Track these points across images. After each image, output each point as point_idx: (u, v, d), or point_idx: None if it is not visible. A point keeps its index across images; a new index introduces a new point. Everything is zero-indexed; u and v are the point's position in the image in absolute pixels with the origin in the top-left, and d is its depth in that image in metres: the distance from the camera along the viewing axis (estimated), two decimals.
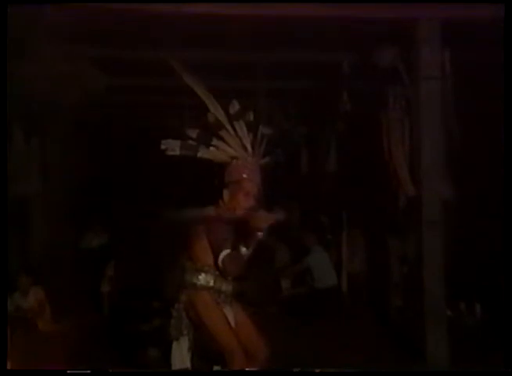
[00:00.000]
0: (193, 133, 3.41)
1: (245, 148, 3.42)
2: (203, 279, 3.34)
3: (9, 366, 3.34)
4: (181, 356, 3.34)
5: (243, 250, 3.20)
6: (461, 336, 5.10)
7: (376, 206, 6.48)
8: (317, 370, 4.05)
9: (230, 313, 3.38)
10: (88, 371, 3.38)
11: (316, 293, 6.77)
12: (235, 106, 3.45)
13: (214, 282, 3.34)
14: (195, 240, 3.37)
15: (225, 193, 3.40)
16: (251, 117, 3.47)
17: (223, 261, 3.21)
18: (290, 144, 7.93)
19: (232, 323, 3.36)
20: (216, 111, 3.42)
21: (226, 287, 3.39)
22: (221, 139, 3.41)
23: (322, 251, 7.10)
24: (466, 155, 5.53)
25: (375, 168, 6.03)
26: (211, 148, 3.41)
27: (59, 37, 5.19)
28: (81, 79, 5.62)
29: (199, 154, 3.40)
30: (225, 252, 3.20)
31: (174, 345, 3.37)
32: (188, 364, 3.33)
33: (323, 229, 7.68)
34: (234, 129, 3.42)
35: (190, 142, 3.39)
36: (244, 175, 3.37)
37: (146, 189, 10.19)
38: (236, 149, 3.42)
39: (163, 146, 3.36)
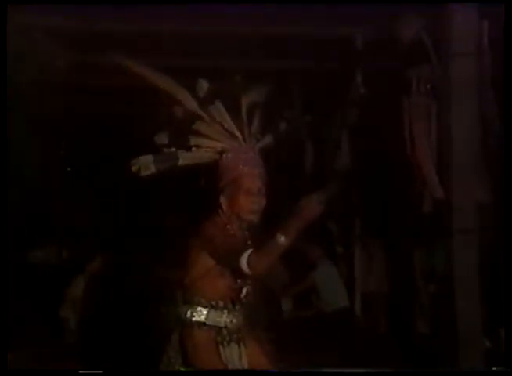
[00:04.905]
0: (164, 138, 3.25)
1: (232, 134, 3.23)
2: (195, 313, 3.16)
3: None
4: None
5: (281, 239, 3.02)
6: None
7: (396, 211, 6.42)
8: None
9: (236, 355, 3.17)
10: (100, 371, 3.60)
11: (324, 316, 6.82)
12: (203, 86, 3.26)
13: (206, 317, 3.15)
14: (190, 262, 3.22)
15: (223, 200, 3.22)
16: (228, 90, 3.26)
17: (249, 261, 2.97)
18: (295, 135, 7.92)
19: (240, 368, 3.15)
20: (183, 98, 3.23)
21: (229, 320, 3.19)
22: (198, 133, 3.21)
23: (331, 266, 7.16)
24: (506, 149, 5.44)
25: (394, 165, 5.94)
26: (193, 149, 3.22)
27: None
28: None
29: (180, 162, 3.20)
30: (249, 251, 3.00)
31: None
32: None
33: (332, 239, 7.75)
34: (210, 115, 3.22)
35: (165, 150, 3.22)
36: (240, 167, 3.18)
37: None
38: (221, 138, 3.23)
39: (134, 168, 3.17)
